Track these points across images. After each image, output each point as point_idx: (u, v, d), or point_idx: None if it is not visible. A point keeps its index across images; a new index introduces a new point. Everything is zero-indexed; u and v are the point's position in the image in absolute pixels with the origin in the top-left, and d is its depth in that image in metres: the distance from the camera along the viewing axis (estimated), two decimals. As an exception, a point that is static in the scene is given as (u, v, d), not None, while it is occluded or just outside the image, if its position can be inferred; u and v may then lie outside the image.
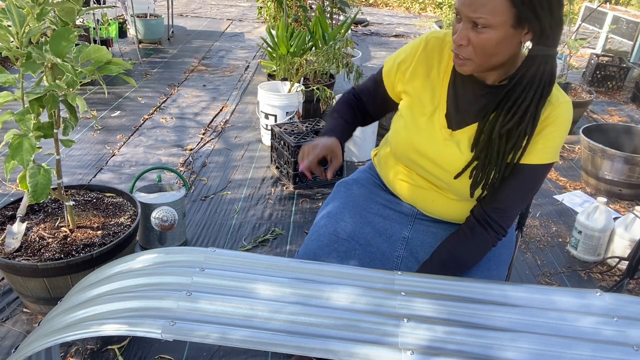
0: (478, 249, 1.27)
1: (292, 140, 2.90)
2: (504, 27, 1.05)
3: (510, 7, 1.04)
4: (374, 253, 1.36)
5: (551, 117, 1.16)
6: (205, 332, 0.80)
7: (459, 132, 1.24)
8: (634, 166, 2.93)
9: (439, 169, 1.26)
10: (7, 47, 1.52)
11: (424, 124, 1.27)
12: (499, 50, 1.09)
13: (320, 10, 3.98)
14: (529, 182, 1.21)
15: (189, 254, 0.99)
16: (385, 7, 10.03)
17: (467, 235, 1.27)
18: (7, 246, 1.78)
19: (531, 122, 1.13)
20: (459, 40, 1.10)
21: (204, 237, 2.49)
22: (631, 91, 5.11)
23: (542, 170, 1.21)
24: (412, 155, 1.30)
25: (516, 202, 1.23)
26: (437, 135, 1.25)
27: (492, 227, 1.24)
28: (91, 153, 3.29)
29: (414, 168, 1.33)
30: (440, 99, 1.26)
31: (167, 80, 4.80)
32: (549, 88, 1.12)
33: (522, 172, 1.20)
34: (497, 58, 1.11)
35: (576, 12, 6.85)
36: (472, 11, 1.05)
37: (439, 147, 1.25)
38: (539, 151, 1.18)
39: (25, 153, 1.53)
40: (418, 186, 1.34)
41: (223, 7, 8.97)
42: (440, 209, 1.35)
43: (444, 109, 1.25)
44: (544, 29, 1.07)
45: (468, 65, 1.13)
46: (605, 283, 2.33)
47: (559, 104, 1.16)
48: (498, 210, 1.23)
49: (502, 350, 0.82)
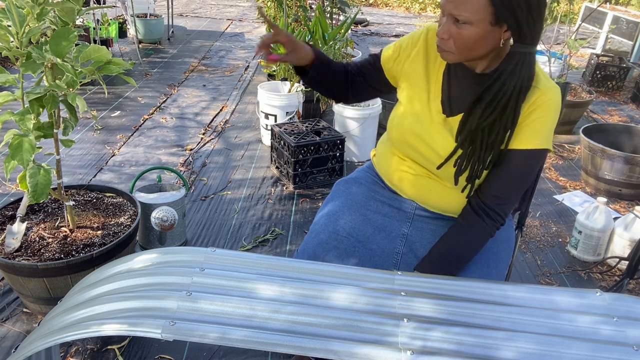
0: (476, 239, 1.29)
1: (292, 140, 2.90)
2: (482, 23, 1.12)
3: (489, 6, 1.10)
4: (373, 250, 1.37)
5: (538, 101, 1.20)
6: (205, 332, 0.80)
7: (452, 119, 1.29)
8: (634, 166, 2.93)
9: (433, 152, 1.30)
10: (7, 47, 1.53)
11: (421, 109, 1.32)
12: (478, 45, 1.16)
13: (320, 10, 3.98)
14: (522, 168, 1.25)
15: (189, 254, 0.99)
16: (385, 7, 10.03)
17: (464, 226, 1.29)
18: (7, 246, 1.79)
19: (511, 115, 1.19)
20: (441, 34, 1.18)
21: (204, 237, 2.49)
22: (631, 91, 5.11)
23: (534, 156, 1.24)
24: (409, 138, 1.34)
25: (511, 188, 1.27)
26: (433, 119, 1.31)
27: (489, 215, 1.27)
28: (91, 153, 3.29)
29: (410, 154, 1.36)
30: (436, 86, 1.32)
31: (167, 80, 4.80)
32: (528, 83, 1.18)
33: (514, 158, 1.24)
34: (477, 52, 1.18)
35: (576, 12, 6.85)
36: (453, 8, 1.13)
37: (434, 130, 1.30)
38: (528, 136, 1.22)
39: (25, 153, 1.53)
40: (416, 174, 1.37)
41: (223, 7, 8.97)
42: (438, 199, 1.36)
43: (439, 95, 1.31)
44: (522, 28, 1.13)
45: (450, 57, 1.21)
46: (605, 283, 2.33)
47: (546, 89, 1.20)
48: (494, 197, 1.27)
49: (502, 350, 0.82)
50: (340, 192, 1.50)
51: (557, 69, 4.41)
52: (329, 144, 2.98)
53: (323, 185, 3.04)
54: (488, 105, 1.19)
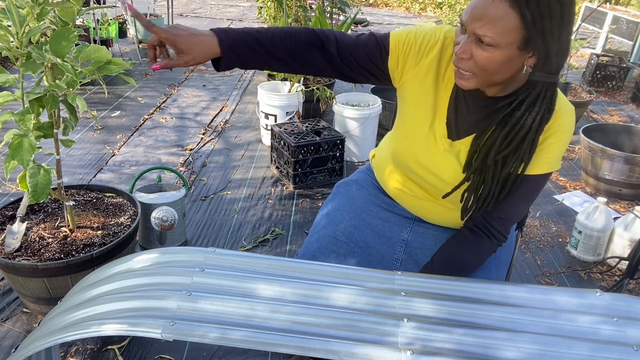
0: (479, 255, 1.27)
1: (292, 140, 2.90)
2: (510, 47, 1.01)
3: (521, 29, 0.99)
4: (373, 255, 1.36)
5: (554, 126, 1.13)
6: (205, 332, 0.80)
7: (459, 143, 1.22)
8: (634, 166, 2.93)
9: (438, 180, 1.25)
10: (7, 47, 1.52)
11: (425, 133, 1.23)
12: (500, 70, 1.05)
13: (320, 10, 3.98)
14: (531, 191, 1.20)
15: (189, 254, 0.99)
16: (385, 7, 10.03)
17: (469, 242, 1.26)
18: (7, 246, 1.78)
19: (529, 149, 1.11)
20: (461, 54, 1.06)
21: (204, 237, 2.49)
22: (631, 91, 5.11)
23: (544, 179, 1.20)
24: (412, 165, 1.28)
25: (518, 210, 1.23)
26: (438, 145, 1.23)
27: (494, 235, 1.23)
28: (91, 153, 3.29)
29: (413, 178, 1.31)
30: (442, 105, 1.22)
31: (167, 80, 4.80)
32: (548, 116, 1.09)
33: (525, 183, 1.18)
34: (499, 77, 1.08)
35: (576, 12, 6.85)
36: (479, 27, 1.01)
37: (439, 158, 1.23)
38: (542, 162, 1.16)
39: (25, 153, 1.53)
40: (415, 196, 1.34)
41: (223, 7, 8.97)
42: (438, 218, 1.35)
43: (445, 116, 1.22)
44: (550, 55, 1.03)
45: (469, 81, 1.09)
46: (605, 283, 2.33)
47: (561, 113, 1.13)
48: (500, 219, 1.22)
49: (502, 350, 0.82)
50: (341, 195, 1.49)
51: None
52: (329, 144, 2.98)
53: (323, 185, 3.04)
54: (505, 138, 1.10)
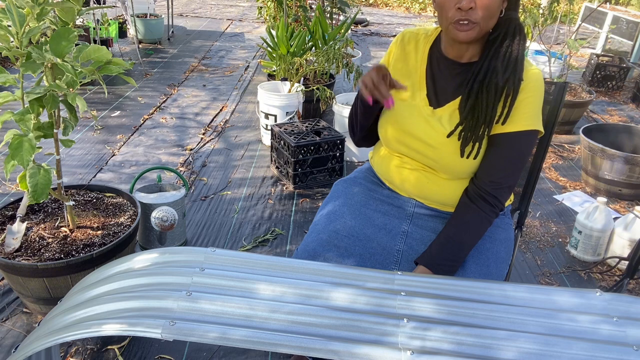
0: (475, 224, 1.31)
1: (292, 140, 2.90)
2: None
3: None
4: (374, 248, 1.37)
5: (526, 85, 1.28)
6: (205, 332, 0.80)
7: (440, 110, 1.35)
8: (634, 166, 2.93)
9: (426, 145, 1.35)
10: (7, 47, 1.53)
11: (408, 106, 1.38)
12: (494, 13, 1.23)
13: (320, 10, 3.98)
14: (515, 150, 1.30)
15: (189, 254, 0.99)
16: (385, 7, 10.03)
17: (462, 213, 1.33)
18: (7, 246, 1.79)
19: (520, 71, 1.25)
20: (467, 4, 1.19)
21: (204, 237, 2.49)
22: (631, 91, 5.11)
23: (526, 138, 1.30)
24: (402, 136, 1.38)
25: (507, 172, 1.30)
26: (421, 113, 1.36)
27: (487, 199, 1.30)
28: (91, 153, 3.29)
29: (405, 152, 1.40)
30: (420, 81, 1.39)
31: (167, 80, 4.80)
32: (524, 42, 1.28)
33: (506, 141, 1.29)
34: (492, 21, 1.24)
35: (576, 12, 6.85)
36: None
37: (423, 124, 1.35)
38: (518, 118, 1.28)
39: (25, 153, 1.53)
40: (413, 169, 1.40)
41: (223, 7, 8.97)
42: (438, 190, 1.39)
43: (424, 89, 1.38)
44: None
45: (473, 31, 1.23)
46: (605, 283, 2.33)
47: (528, 72, 1.28)
48: (491, 182, 1.30)
49: (502, 350, 0.82)
50: (340, 192, 1.51)
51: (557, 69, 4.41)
52: (329, 144, 2.98)
53: (323, 185, 3.04)
54: (503, 60, 1.25)
